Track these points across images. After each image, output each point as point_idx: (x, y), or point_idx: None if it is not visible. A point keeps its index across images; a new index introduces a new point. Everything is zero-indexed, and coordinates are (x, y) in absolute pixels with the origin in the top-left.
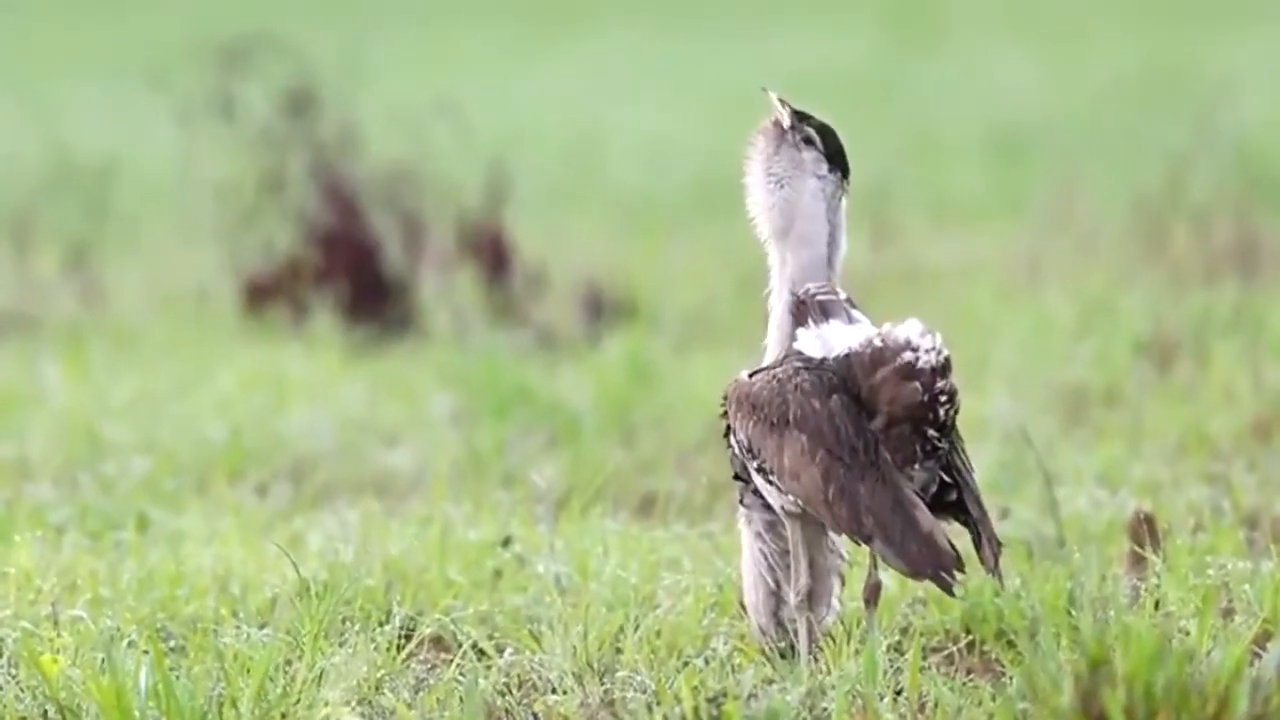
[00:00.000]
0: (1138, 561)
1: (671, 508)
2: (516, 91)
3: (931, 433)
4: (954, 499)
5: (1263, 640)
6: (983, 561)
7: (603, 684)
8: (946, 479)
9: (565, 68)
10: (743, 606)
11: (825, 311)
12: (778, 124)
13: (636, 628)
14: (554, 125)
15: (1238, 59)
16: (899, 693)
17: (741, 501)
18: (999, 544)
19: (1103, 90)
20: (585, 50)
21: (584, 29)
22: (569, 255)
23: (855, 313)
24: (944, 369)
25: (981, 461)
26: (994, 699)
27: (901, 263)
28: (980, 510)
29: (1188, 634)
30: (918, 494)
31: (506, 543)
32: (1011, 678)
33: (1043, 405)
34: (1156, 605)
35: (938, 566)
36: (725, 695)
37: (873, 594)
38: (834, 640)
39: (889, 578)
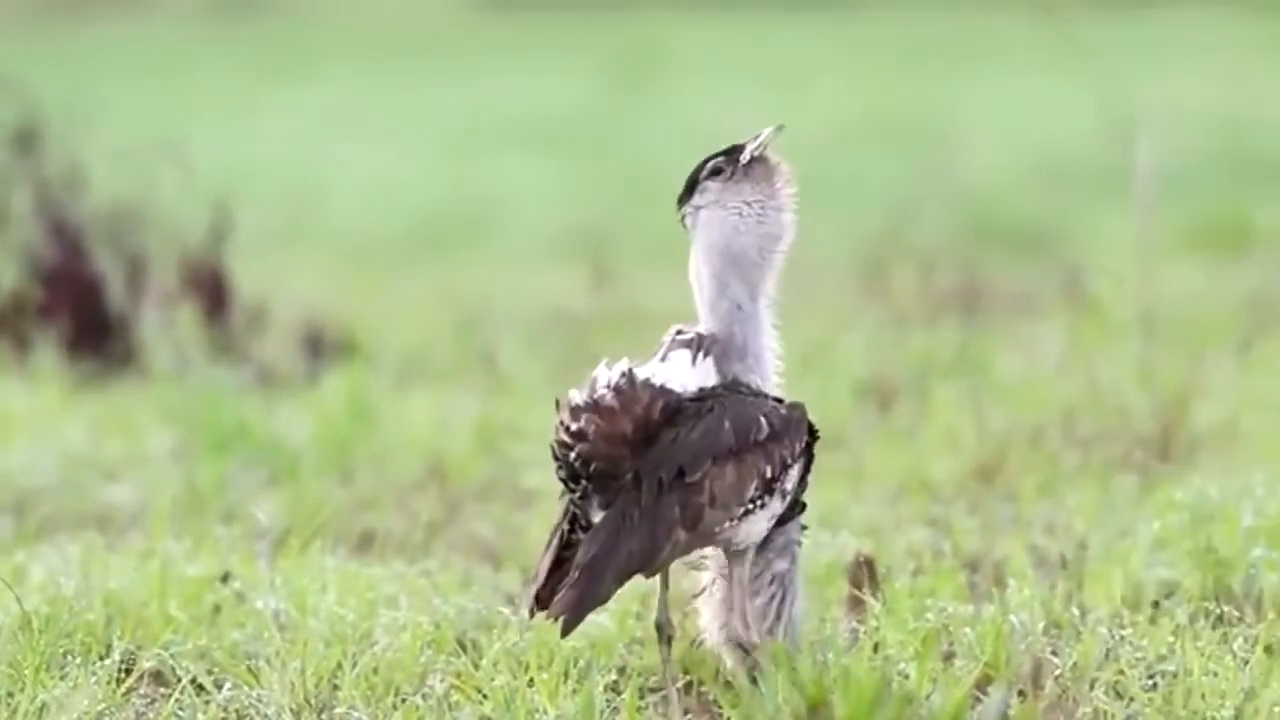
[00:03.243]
0: (857, 604)
1: (389, 545)
2: (242, 135)
3: (560, 473)
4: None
5: (983, 684)
6: (536, 599)
7: None
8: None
9: (290, 112)
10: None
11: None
12: None
13: (354, 664)
14: (277, 168)
15: (964, 105)
16: None
17: None
18: (580, 604)
19: (825, 133)
20: (310, 94)
21: (309, 74)
22: (290, 294)
23: (674, 353)
24: (579, 411)
25: None
26: None
27: (621, 304)
28: (587, 561)
29: (907, 677)
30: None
31: (226, 578)
32: (729, 719)
33: None
34: (876, 648)
35: (530, 600)
36: None
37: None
38: (550, 679)
39: (612, 620)
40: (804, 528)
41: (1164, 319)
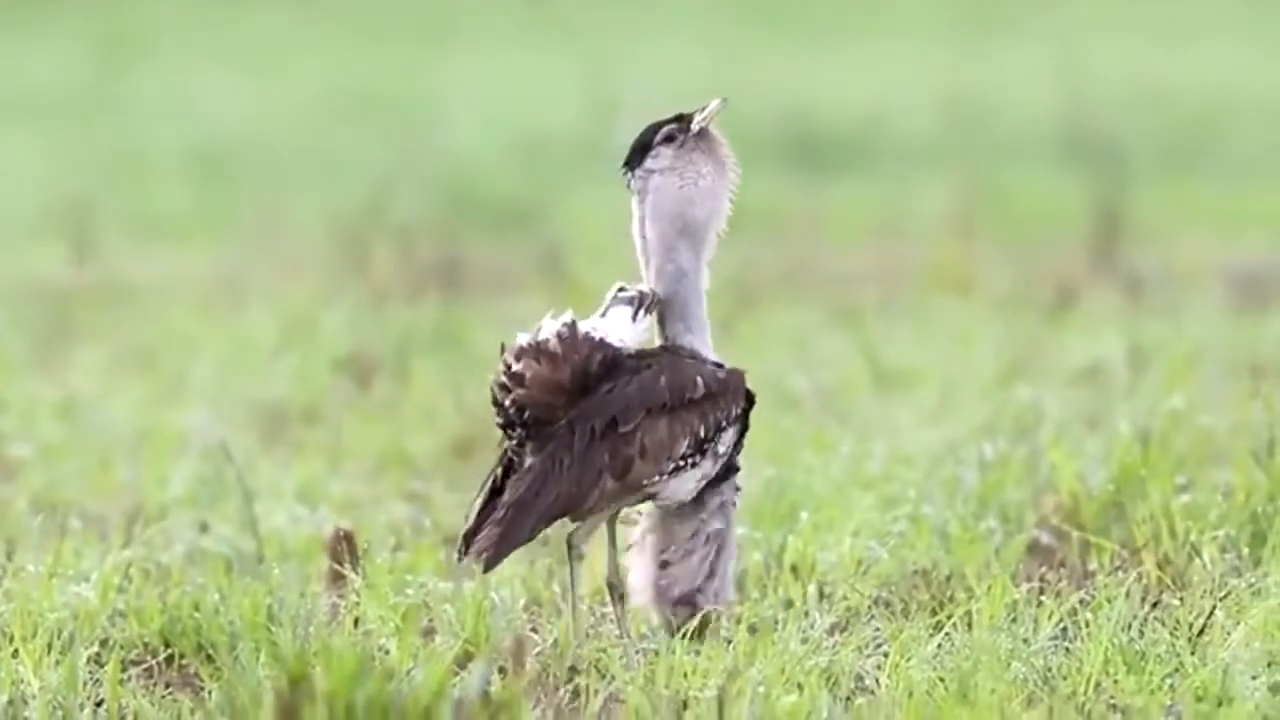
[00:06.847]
0: (337, 579)
1: None
2: None
3: (497, 418)
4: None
5: (464, 660)
6: (466, 539)
7: None
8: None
9: None
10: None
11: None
12: None
13: None
14: None
15: (445, 81)
16: (100, 704)
17: None
18: (501, 542)
19: (306, 110)
20: None
21: None
22: None
23: (615, 309)
24: (521, 353)
25: (180, 476)
26: (194, 714)
27: (103, 279)
28: (513, 501)
29: (388, 652)
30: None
31: None
32: (211, 692)
33: (243, 422)
34: (356, 623)
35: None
36: None
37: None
38: (34, 650)
39: (94, 592)
40: (738, 489)
41: None
